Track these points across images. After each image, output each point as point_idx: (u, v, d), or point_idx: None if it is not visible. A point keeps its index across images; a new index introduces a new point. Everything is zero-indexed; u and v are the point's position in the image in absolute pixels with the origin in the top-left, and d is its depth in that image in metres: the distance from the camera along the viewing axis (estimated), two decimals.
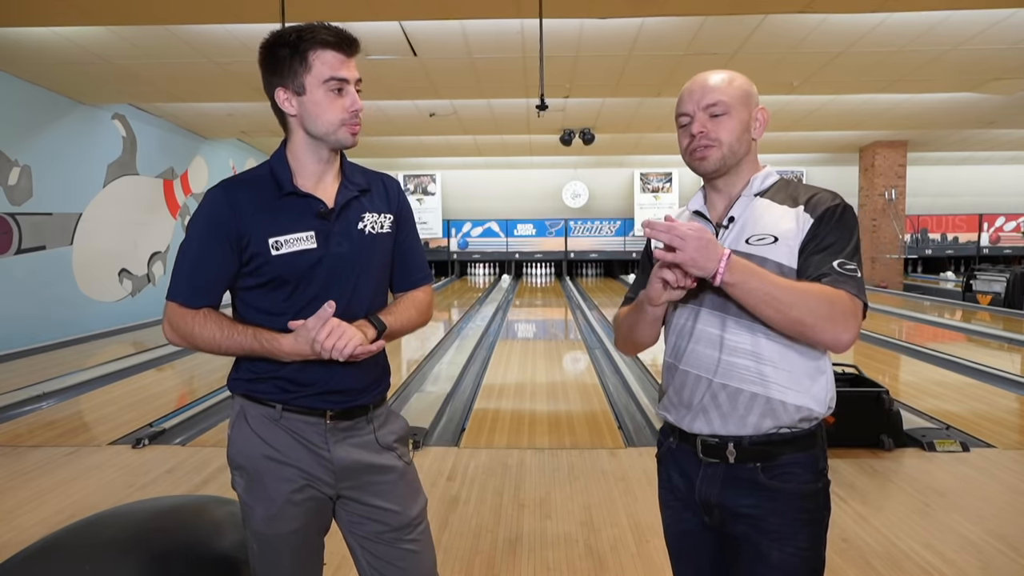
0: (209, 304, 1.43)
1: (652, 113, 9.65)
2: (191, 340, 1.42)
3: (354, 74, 1.42)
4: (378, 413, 1.54)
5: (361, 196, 1.50)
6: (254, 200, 1.41)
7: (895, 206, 13.37)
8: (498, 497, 3.21)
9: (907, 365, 6.26)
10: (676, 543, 1.49)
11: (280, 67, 1.39)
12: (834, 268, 1.25)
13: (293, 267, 1.41)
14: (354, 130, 1.44)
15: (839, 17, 5.88)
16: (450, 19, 5.83)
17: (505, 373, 6.07)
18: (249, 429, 1.46)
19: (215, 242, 1.40)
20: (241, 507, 1.49)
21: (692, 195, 1.50)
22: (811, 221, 1.31)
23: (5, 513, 3.07)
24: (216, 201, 1.41)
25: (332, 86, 1.39)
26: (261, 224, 1.40)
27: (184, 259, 1.43)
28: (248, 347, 1.40)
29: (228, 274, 1.43)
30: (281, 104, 1.42)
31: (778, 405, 1.31)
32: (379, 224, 1.51)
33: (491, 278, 16.60)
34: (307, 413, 1.45)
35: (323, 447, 1.46)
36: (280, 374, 1.44)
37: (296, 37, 1.37)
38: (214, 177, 11.64)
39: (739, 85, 1.37)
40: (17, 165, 7.21)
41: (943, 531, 2.78)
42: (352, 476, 1.48)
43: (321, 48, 1.37)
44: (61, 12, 5.34)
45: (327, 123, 1.40)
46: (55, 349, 7.11)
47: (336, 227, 1.45)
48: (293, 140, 1.46)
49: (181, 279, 1.42)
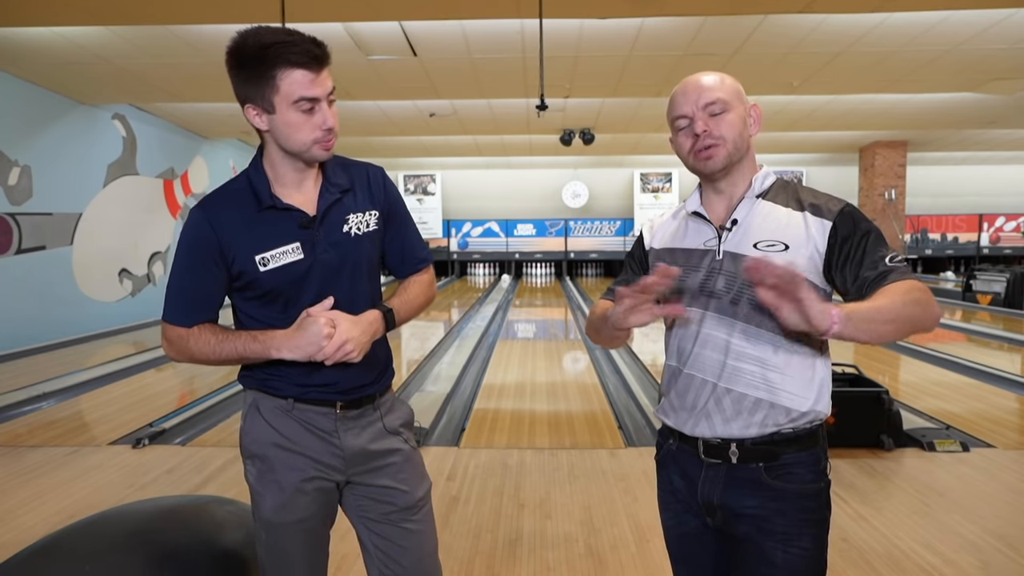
0: (203, 321, 1.44)
1: (652, 113, 9.65)
2: (190, 356, 1.45)
3: (326, 87, 1.36)
4: (384, 400, 1.58)
5: (344, 197, 1.49)
6: (234, 218, 1.41)
7: (895, 206, 13.37)
8: (498, 497, 3.21)
9: (907, 365, 6.26)
10: (677, 545, 1.48)
11: (247, 81, 1.35)
12: (888, 265, 1.24)
13: (283, 280, 1.42)
14: (327, 146, 1.40)
15: (839, 17, 5.87)
16: (450, 19, 5.83)
17: (505, 373, 6.07)
18: (262, 419, 1.48)
19: (200, 263, 1.41)
20: (252, 497, 1.51)
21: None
22: (828, 225, 1.30)
23: (5, 513, 3.07)
24: (197, 223, 1.41)
25: (302, 106, 1.34)
26: (245, 243, 1.40)
27: (173, 281, 1.44)
28: (246, 349, 1.41)
29: (218, 291, 1.44)
30: (251, 120, 1.39)
31: (782, 410, 1.31)
32: (365, 223, 1.50)
33: (491, 278, 16.59)
34: (318, 404, 1.48)
35: (333, 434, 1.49)
36: (290, 375, 1.46)
37: (262, 54, 1.31)
38: (214, 177, 11.64)
39: (731, 83, 1.37)
40: (17, 165, 7.21)
41: (943, 531, 2.78)
42: (361, 461, 1.52)
43: (289, 68, 1.31)
44: (61, 12, 5.34)
45: (299, 142, 1.38)
46: (55, 349, 7.11)
47: (321, 234, 1.44)
48: (268, 151, 1.44)
49: (172, 300, 1.44)
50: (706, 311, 1.36)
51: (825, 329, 1.10)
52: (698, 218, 1.43)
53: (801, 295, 1.09)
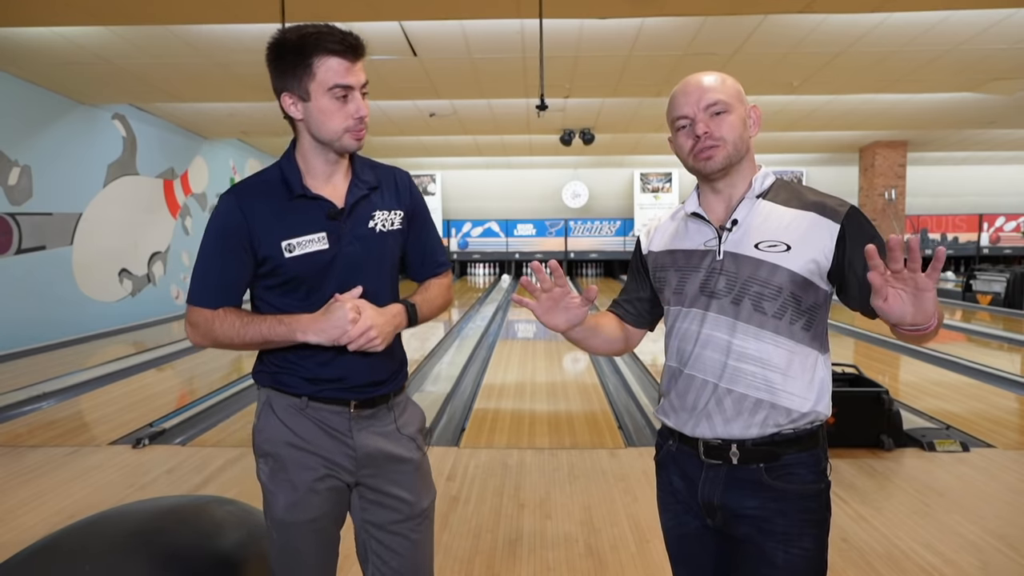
0: (227, 304, 1.46)
1: (652, 113, 9.65)
2: (213, 338, 1.46)
3: (360, 79, 1.41)
4: (398, 401, 1.59)
5: (371, 194, 1.52)
6: (265, 205, 1.44)
7: (895, 206, 13.37)
8: (498, 497, 3.21)
9: (907, 365, 6.26)
10: (677, 547, 1.47)
11: (285, 72, 1.40)
12: None
13: (307, 268, 1.44)
14: (359, 136, 1.44)
15: (839, 17, 5.87)
16: (450, 19, 5.83)
17: (505, 373, 6.07)
18: (276, 418, 1.49)
19: (229, 247, 1.44)
20: (264, 495, 1.52)
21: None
22: (836, 227, 1.29)
23: (5, 513, 3.07)
24: (228, 208, 1.45)
25: (337, 93, 1.39)
26: (273, 229, 1.43)
27: (200, 264, 1.47)
28: (271, 332, 1.43)
29: (244, 276, 1.46)
30: (287, 108, 1.43)
31: (783, 411, 1.31)
32: (389, 221, 1.53)
33: (491, 278, 16.59)
34: (332, 403, 1.49)
35: (347, 435, 1.50)
36: (304, 367, 1.47)
37: (300, 43, 1.37)
38: (214, 177, 11.64)
39: (732, 83, 1.37)
40: (17, 165, 7.21)
41: (943, 531, 2.78)
42: (373, 464, 1.52)
43: (326, 55, 1.37)
44: (61, 12, 5.34)
45: (331, 130, 1.41)
46: (55, 349, 7.10)
47: (347, 227, 1.47)
48: (301, 142, 1.48)
49: (198, 283, 1.47)
50: (707, 311, 1.35)
51: (923, 323, 1.11)
52: (697, 219, 1.42)
53: (930, 288, 1.08)
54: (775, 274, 1.30)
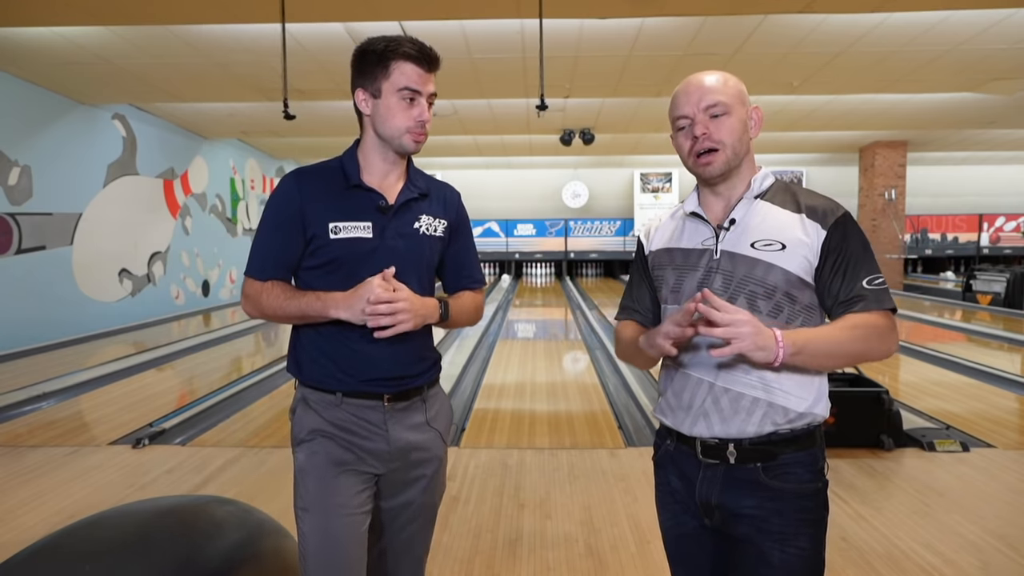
0: (277, 278, 1.55)
1: (652, 113, 9.65)
2: (261, 308, 1.55)
3: (428, 88, 1.53)
4: (432, 393, 1.65)
5: (421, 199, 1.61)
6: (321, 188, 1.55)
7: (895, 206, 13.37)
8: (498, 497, 3.21)
9: (907, 365, 6.26)
10: (675, 546, 1.48)
11: (364, 70, 1.52)
12: (865, 288, 1.30)
13: (348, 252, 1.52)
14: (418, 138, 1.54)
15: (839, 17, 5.87)
16: (450, 19, 5.83)
17: (505, 373, 6.07)
18: (311, 410, 1.56)
19: (281, 223, 1.54)
20: (295, 484, 1.55)
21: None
22: (823, 234, 1.32)
23: (5, 513, 3.07)
24: (287, 187, 1.56)
25: (405, 95, 1.50)
26: (324, 210, 1.53)
27: (257, 238, 1.58)
28: (309, 307, 1.50)
29: (294, 252, 1.55)
30: (358, 103, 1.55)
31: (779, 410, 1.31)
32: (433, 227, 1.62)
33: (491, 278, 16.59)
34: (365, 397, 1.54)
35: (382, 428, 1.55)
36: (336, 356, 1.52)
37: (384, 47, 1.50)
38: (214, 177, 11.64)
39: (734, 84, 1.37)
40: (17, 165, 7.21)
41: (943, 531, 2.78)
42: (402, 457, 1.58)
43: (403, 60, 1.49)
44: (61, 12, 5.34)
45: (394, 128, 1.52)
46: (55, 349, 7.10)
47: (393, 222, 1.56)
48: (364, 139, 1.59)
49: (254, 255, 1.57)
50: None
51: (774, 353, 1.23)
52: (696, 218, 1.43)
53: (740, 347, 1.20)
54: (770, 273, 1.31)
